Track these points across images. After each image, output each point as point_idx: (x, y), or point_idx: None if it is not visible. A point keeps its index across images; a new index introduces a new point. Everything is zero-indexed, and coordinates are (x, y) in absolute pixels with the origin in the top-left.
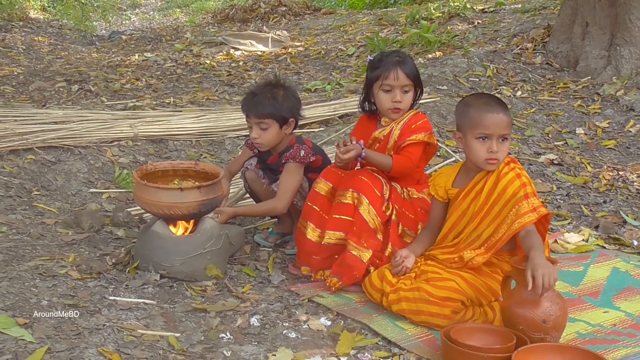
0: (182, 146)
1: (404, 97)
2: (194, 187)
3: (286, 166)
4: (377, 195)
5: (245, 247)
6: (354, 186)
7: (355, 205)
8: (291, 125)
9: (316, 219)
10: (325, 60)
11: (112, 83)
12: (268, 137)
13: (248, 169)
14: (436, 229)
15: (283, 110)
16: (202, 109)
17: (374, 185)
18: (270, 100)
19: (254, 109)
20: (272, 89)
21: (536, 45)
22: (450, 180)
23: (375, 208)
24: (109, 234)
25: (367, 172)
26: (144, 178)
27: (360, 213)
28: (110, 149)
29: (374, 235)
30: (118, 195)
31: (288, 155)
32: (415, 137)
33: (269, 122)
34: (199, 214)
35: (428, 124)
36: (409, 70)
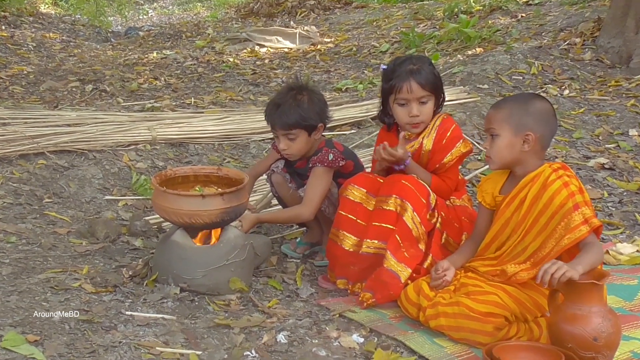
0: (203, 150)
1: (422, 109)
2: (217, 193)
3: (313, 170)
4: (423, 203)
5: (272, 258)
6: (398, 192)
7: (399, 212)
8: (320, 130)
9: (352, 227)
10: (356, 58)
11: (128, 83)
12: (297, 147)
13: (274, 171)
14: (480, 239)
15: (310, 117)
16: (225, 110)
17: (418, 192)
18: (295, 109)
19: (279, 120)
20: (295, 95)
21: (585, 40)
22: (498, 186)
23: (420, 216)
24: (126, 244)
25: (412, 178)
26: (163, 184)
27: (404, 220)
28: (127, 154)
29: (415, 245)
30: (135, 202)
31: (315, 159)
32: (451, 155)
33: (296, 132)
34: (222, 222)
35: (458, 130)
36: (424, 80)
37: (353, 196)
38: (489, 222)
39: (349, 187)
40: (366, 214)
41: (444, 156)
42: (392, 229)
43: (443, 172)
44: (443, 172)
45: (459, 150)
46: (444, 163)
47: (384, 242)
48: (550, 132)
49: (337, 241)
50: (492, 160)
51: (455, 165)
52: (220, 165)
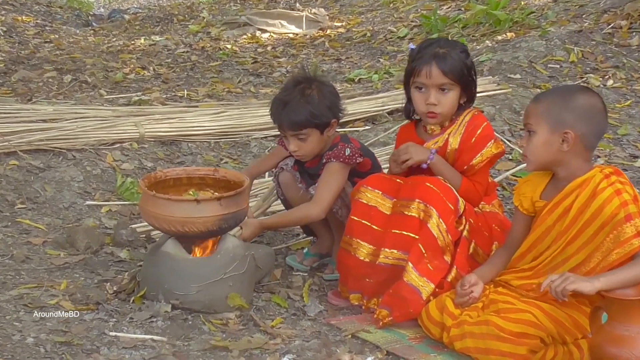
0: (198, 149)
1: (442, 99)
2: (213, 198)
3: (327, 166)
4: (450, 208)
5: (275, 271)
6: (421, 196)
7: (422, 219)
8: (333, 126)
9: (367, 234)
10: (371, 44)
11: (112, 73)
12: (309, 147)
13: (283, 169)
14: (514, 248)
15: (321, 113)
16: (222, 104)
17: (445, 196)
18: (304, 106)
19: (287, 120)
20: (303, 90)
21: (632, 22)
22: (539, 190)
23: (447, 223)
24: (110, 255)
25: (437, 180)
26: (152, 188)
27: (428, 228)
28: (111, 153)
29: (440, 256)
30: (120, 208)
31: (330, 154)
32: (481, 157)
33: (307, 131)
34: (219, 230)
35: (490, 128)
36: (448, 67)
37: (367, 199)
38: (526, 229)
39: (362, 189)
40: (383, 219)
41: (472, 157)
42: (414, 237)
43: (471, 175)
44: (471, 175)
45: (490, 151)
46: (473, 165)
47: (404, 252)
48: (595, 131)
49: (350, 250)
50: (528, 160)
51: (485, 167)
52: (217, 166)
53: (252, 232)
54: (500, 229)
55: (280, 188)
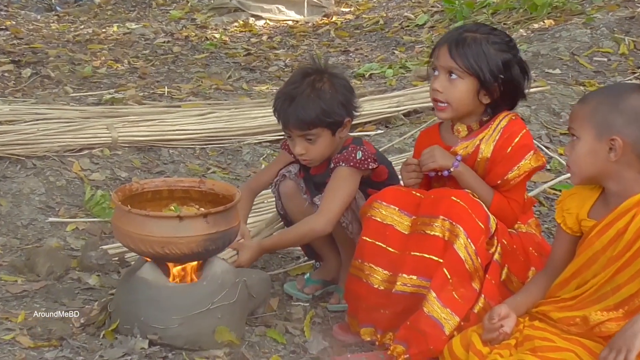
0: (181, 156)
1: (448, 86)
2: (199, 215)
3: (336, 171)
4: (480, 227)
5: (271, 300)
6: (446, 212)
7: (447, 239)
8: (347, 126)
9: (381, 257)
10: (384, 34)
11: (80, 66)
12: (319, 151)
13: (285, 177)
14: (555, 274)
15: (334, 110)
16: (210, 104)
17: (474, 213)
18: (314, 102)
19: (295, 118)
20: (313, 83)
21: None
22: (586, 207)
23: (477, 245)
24: (76, 282)
25: (464, 193)
26: (126, 202)
27: (454, 250)
28: (79, 161)
29: (468, 283)
30: (89, 226)
31: (339, 157)
32: (518, 170)
33: (317, 131)
34: (205, 253)
35: (529, 137)
36: (461, 53)
37: (381, 216)
38: (569, 251)
39: (375, 204)
40: (400, 240)
41: (507, 170)
42: (437, 261)
43: (506, 190)
44: (506, 190)
45: (528, 164)
46: (508, 179)
47: (425, 278)
48: None
49: (362, 277)
50: (572, 171)
51: (522, 183)
52: (203, 177)
53: (250, 256)
54: (537, 253)
55: (281, 200)
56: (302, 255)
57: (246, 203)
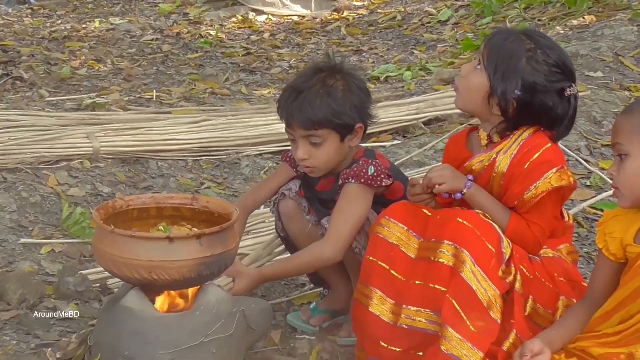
0: (171, 169)
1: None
2: (191, 235)
3: (345, 188)
4: (490, 251)
5: (273, 333)
6: (452, 235)
7: (453, 265)
8: (358, 133)
9: (386, 282)
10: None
11: (57, 67)
12: (323, 157)
13: (285, 195)
14: (596, 305)
15: (345, 112)
16: (204, 110)
17: (483, 235)
18: (323, 100)
19: (299, 114)
20: (324, 80)
21: None
22: (632, 231)
23: (486, 270)
24: (52, 311)
25: (472, 213)
26: (109, 221)
27: (462, 278)
28: (55, 174)
29: (485, 314)
30: (67, 248)
31: (348, 173)
32: (535, 189)
33: (323, 133)
34: (198, 279)
35: (552, 152)
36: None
37: (389, 234)
38: (612, 280)
39: (383, 220)
40: (406, 265)
41: (524, 189)
42: (443, 291)
43: (525, 212)
44: (525, 212)
45: (548, 183)
46: (524, 200)
47: (433, 310)
48: None
49: (365, 303)
50: (620, 193)
51: (544, 204)
52: (196, 193)
53: (247, 285)
54: (565, 280)
55: (281, 221)
56: (307, 282)
57: (239, 223)
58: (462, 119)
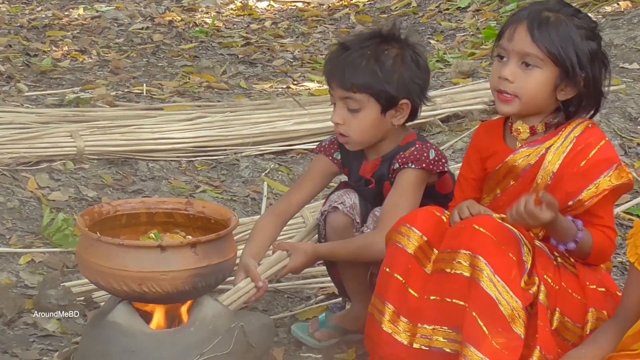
0: (163, 171)
1: (521, 75)
2: (185, 244)
3: (403, 174)
4: (510, 260)
5: (275, 351)
6: (468, 244)
7: (470, 275)
8: (404, 111)
9: (401, 298)
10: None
11: (37, 58)
12: (359, 126)
13: (337, 210)
14: (628, 323)
15: (390, 81)
16: (199, 106)
17: (502, 242)
18: (369, 62)
19: (340, 72)
20: (378, 44)
21: None
22: None
23: (508, 281)
24: (32, 327)
25: (489, 219)
26: (95, 228)
27: (482, 288)
28: (35, 176)
29: (508, 328)
30: (48, 258)
31: (407, 157)
32: (595, 188)
33: (362, 98)
34: (193, 291)
35: (610, 149)
36: (544, 35)
37: (407, 244)
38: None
39: (402, 227)
40: (422, 280)
41: (581, 188)
42: (463, 306)
43: (587, 216)
44: (587, 216)
45: (608, 181)
46: (581, 200)
47: (452, 328)
48: None
49: (378, 319)
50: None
51: (606, 204)
52: (190, 197)
53: (304, 261)
54: (600, 290)
55: (326, 230)
56: (313, 295)
57: (268, 230)
58: (483, 115)
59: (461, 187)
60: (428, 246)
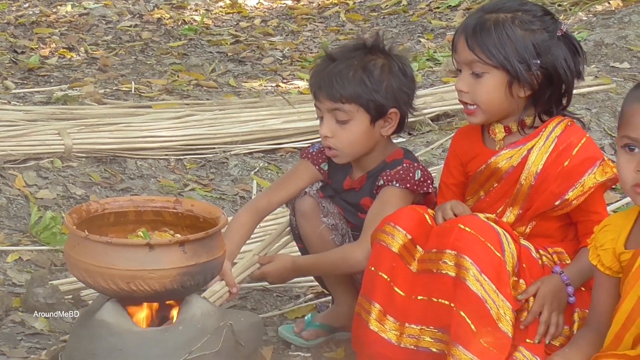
0: (151, 169)
1: (473, 84)
2: (174, 242)
3: (384, 191)
4: (497, 258)
5: (264, 350)
6: (454, 244)
7: (456, 275)
8: (392, 120)
9: (387, 297)
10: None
11: (24, 55)
12: (348, 138)
13: (306, 193)
14: (602, 328)
15: (380, 90)
16: (188, 104)
17: (488, 240)
18: (357, 72)
19: (327, 84)
20: (364, 55)
21: None
22: (622, 237)
23: (494, 279)
24: (19, 325)
25: (474, 217)
26: (83, 226)
27: (468, 286)
28: (22, 174)
29: (496, 327)
30: (36, 256)
31: (391, 174)
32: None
33: (351, 109)
34: (181, 290)
35: (592, 146)
36: (480, 41)
37: (392, 243)
38: (614, 298)
39: (387, 227)
40: (408, 279)
41: (566, 188)
42: (449, 305)
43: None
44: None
45: (593, 179)
46: (568, 200)
47: (438, 328)
48: None
49: (365, 318)
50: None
51: (599, 199)
52: (179, 196)
53: (278, 267)
54: (585, 289)
55: (296, 217)
56: (302, 294)
57: (246, 228)
58: None
59: (442, 193)
60: (412, 244)
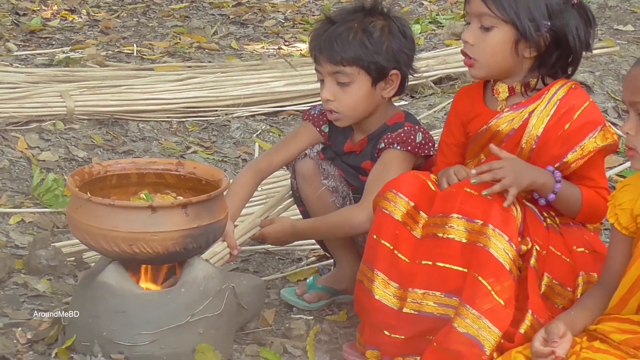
0: (153, 132)
1: (480, 37)
2: (176, 204)
3: (386, 153)
4: (507, 214)
5: (266, 312)
6: (460, 208)
7: (468, 240)
8: (393, 82)
9: (391, 264)
10: None
11: (25, 17)
12: (349, 101)
13: (306, 155)
14: (613, 287)
15: (380, 52)
16: (190, 66)
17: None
18: (357, 34)
19: (328, 47)
20: (363, 17)
21: None
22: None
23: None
24: (22, 287)
25: None
26: (85, 188)
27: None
28: (24, 136)
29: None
30: (38, 218)
31: (392, 137)
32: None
33: (352, 71)
34: (183, 252)
35: (594, 110)
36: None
37: (394, 210)
38: (628, 258)
39: (389, 194)
40: (412, 245)
41: (566, 151)
42: (456, 270)
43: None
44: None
45: (593, 143)
46: (567, 163)
47: (443, 292)
48: None
49: (367, 285)
50: (638, 155)
51: (598, 163)
52: (181, 158)
53: (279, 232)
54: (589, 252)
55: (297, 179)
56: (304, 257)
57: (247, 189)
58: None
59: (443, 152)
60: (415, 211)
